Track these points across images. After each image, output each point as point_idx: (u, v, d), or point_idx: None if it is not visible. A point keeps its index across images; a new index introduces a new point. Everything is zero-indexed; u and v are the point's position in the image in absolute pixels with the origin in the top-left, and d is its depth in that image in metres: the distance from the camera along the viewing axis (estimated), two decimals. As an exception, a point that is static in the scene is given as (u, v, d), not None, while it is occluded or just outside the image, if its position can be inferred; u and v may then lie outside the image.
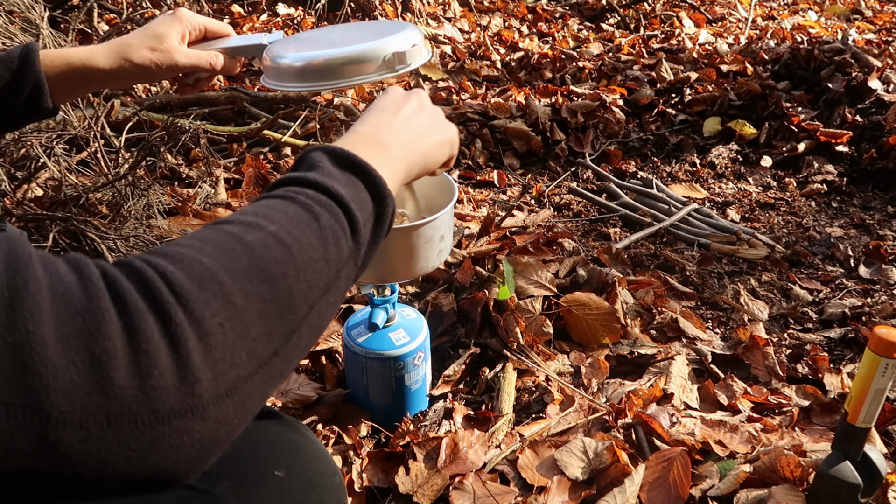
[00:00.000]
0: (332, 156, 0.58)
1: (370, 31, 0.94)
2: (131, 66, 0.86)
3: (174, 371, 0.39)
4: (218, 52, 0.94)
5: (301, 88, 0.90)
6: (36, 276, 0.37)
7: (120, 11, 2.91)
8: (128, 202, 1.69)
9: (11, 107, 0.82)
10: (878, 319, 1.61)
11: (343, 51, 0.87)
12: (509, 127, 2.69)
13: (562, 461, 1.14)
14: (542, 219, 2.18)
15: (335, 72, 0.86)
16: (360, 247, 0.54)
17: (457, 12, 4.47)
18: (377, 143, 0.64)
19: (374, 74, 0.87)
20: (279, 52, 0.90)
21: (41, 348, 0.35)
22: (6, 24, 1.73)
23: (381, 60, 0.86)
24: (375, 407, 1.29)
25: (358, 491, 1.13)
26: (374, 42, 0.87)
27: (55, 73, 0.83)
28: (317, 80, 0.88)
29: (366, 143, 0.63)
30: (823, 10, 5.02)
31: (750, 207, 2.36)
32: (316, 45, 0.91)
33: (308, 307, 0.48)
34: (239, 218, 0.49)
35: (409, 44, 0.88)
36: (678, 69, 3.26)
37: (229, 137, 2.41)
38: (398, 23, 0.96)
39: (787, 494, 1.02)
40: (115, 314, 0.38)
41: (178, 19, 0.91)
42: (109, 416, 0.36)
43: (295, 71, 0.88)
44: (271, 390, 0.46)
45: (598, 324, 1.49)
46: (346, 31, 0.97)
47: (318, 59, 0.87)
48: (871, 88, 2.79)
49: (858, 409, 0.95)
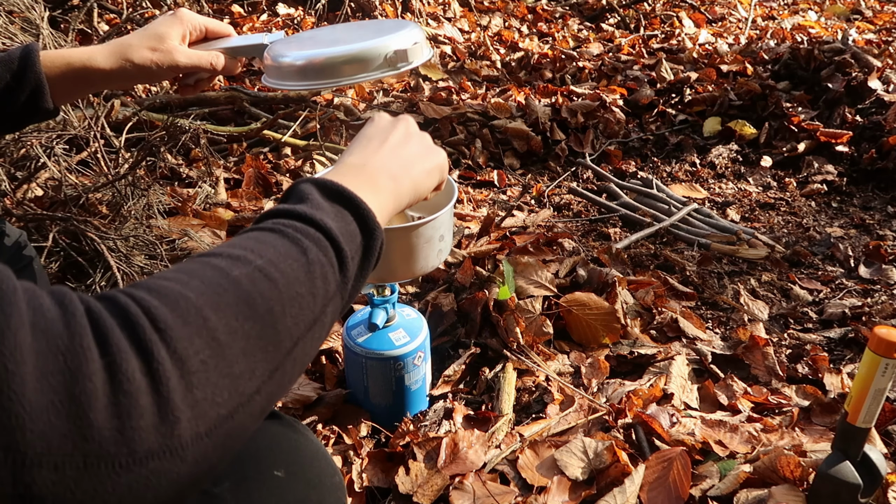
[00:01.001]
0: (321, 188, 0.57)
1: (371, 29, 0.94)
2: (132, 67, 0.86)
3: (154, 412, 0.38)
4: (219, 52, 0.94)
5: (303, 87, 0.90)
6: (20, 312, 0.36)
7: (120, 11, 2.91)
8: (128, 202, 1.69)
9: (12, 107, 0.82)
10: (878, 319, 1.61)
11: (345, 49, 0.87)
12: (509, 127, 2.69)
13: (562, 461, 1.14)
14: (542, 219, 2.18)
15: (337, 70, 0.87)
16: (348, 280, 0.54)
17: (457, 12, 4.47)
18: (366, 175, 0.64)
19: (375, 72, 0.87)
20: (280, 50, 0.90)
21: (20, 388, 0.34)
22: (6, 24, 1.73)
23: (383, 58, 0.87)
24: (375, 407, 1.29)
25: (358, 491, 1.13)
26: (376, 40, 0.87)
27: (55, 73, 0.83)
28: (318, 78, 0.88)
29: (355, 175, 0.63)
30: (823, 10, 5.02)
31: (750, 207, 2.36)
32: (317, 43, 0.91)
33: (293, 343, 0.47)
34: (226, 251, 0.48)
35: (410, 41, 0.88)
36: (678, 69, 3.26)
37: (229, 137, 2.41)
38: (399, 21, 0.96)
39: (787, 494, 1.02)
40: (96, 353, 0.37)
41: (178, 19, 0.90)
42: (86, 458, 0.36)
43: (296, 69, 0.88)
44: (252, 427, 0.45)
45: (598, 324, 1.49)
46: (348, 30, 0.97)
47: (320, 57, 0.87)
48: (871, 88, 2.79)
49: (858, 409, 0.95)
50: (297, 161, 2.37)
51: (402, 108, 2.79)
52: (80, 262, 1.55)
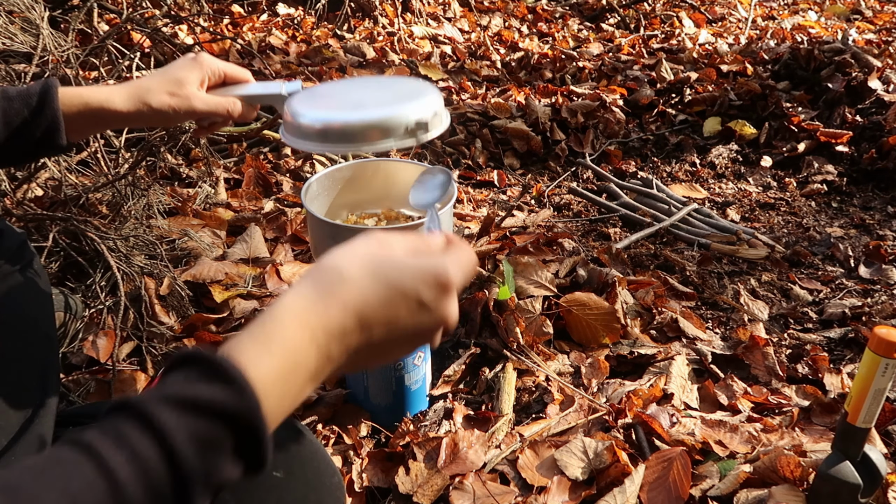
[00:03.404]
0: (203, 370, 0.44)
1: (391, 91, 0.95)
2: (149, 110, 0.85)
3: None
4: (236, 98, 0.94)
5: (320, 149, 0.91)
6: None
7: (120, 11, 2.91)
8: (128, 202, 1.69)
9: (27, 142, 0.82)
10: (878, 319, 1.61)
11: (367, 116, 0.88)
12: (509, 127, 2.69)
13: (562, 461, 1.14)
14: (542, 219, 2.18)
15: (357, 136, 0.88)
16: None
17: (457, 12, 4.47)
18: (309, 374, 0.49)
19: (395, 141, 0.88)
20: (300, 109, 0.91)
21: None
22: (6, 24, 1.73)
23: (404, 129, 0.88)
24: (375, 407, 1.29)
25: (358, 491, 1.13)
26: (398, 108, 0.88)
27: (73, 112, 0.82)
28: (337, 142, 0.89)
29: (293, 372, 0.48)
30: (823, 10, 5.02)
31: (750, 207, 2.36)
32: (337, 104, 0.92)
33: None
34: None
35: (431, 112, 0.90)
36: (678, 69, 3.26)
37: (229, 137, 2.41)
38: (419, 83, 0.99)
39: (787, 494, 1.02)
40: None
41: (198, 64, 0.90)
42: None
43: (316, 132, 0.89)
44: None
45: (598, 324, 1.49)
46: (366, 89, 0.98)
47: (340, 122, 0.88)
48: (871, 88, 2.79)
49: (858, 409, 0.95)
50: (297, 161, 2.37)
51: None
52: (80, 262, 1.55)
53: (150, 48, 2.87)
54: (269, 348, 0.47)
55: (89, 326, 1.47)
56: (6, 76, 1.70)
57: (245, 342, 0.47)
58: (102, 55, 2.36)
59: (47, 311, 1.00)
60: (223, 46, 3.25)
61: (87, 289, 1.53)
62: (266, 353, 0.46)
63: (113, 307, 1.49)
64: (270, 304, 0.50)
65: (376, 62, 3.42)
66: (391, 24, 4.07)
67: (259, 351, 0.46)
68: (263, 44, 3.44)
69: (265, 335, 0.47)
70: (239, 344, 0.47)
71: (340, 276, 0.51)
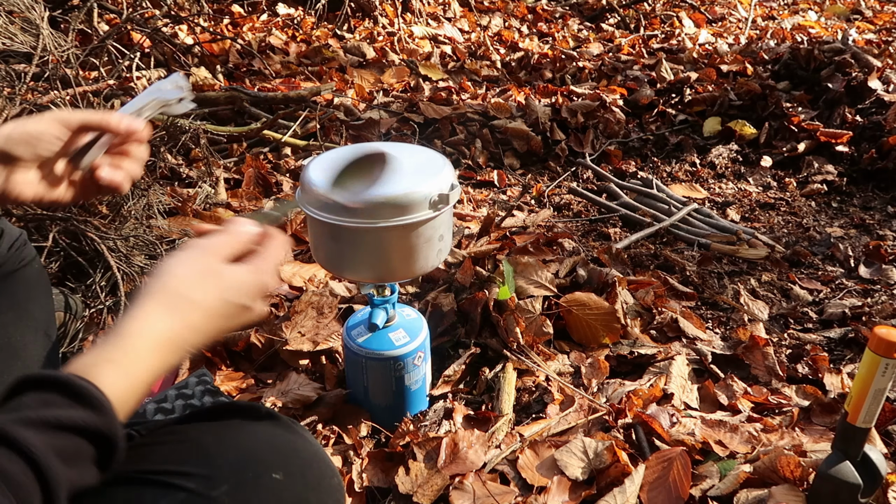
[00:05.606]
0: (66, 394, 0.50)
1: (405, 165, 0.99)
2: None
3: None
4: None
5: (342, 222, 0.97)
6: None
7: (120, 11, 2.91)
8: (128, 202, 1.69)
9: None
10: (878, 319, 1.61)
11: (392, 192, 0.95)
12: (509, 127, 2.69)
13: (562, 461, 1.14)
14: (542, 219, 2.18)
15: (380, 211, 0.96)
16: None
17: (457, 12, 4.47)
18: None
19: (417, 216, 0.98)
20: (318, 179, 0.97)
21: None
22: (6, 24, 1.73)
23: (427, 203, 0.98)
24: (375, 407, 1.29)
25: (358, 491, 1.13)
26: (419, 186, 0.97)
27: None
28: (359, 217, 0.96)
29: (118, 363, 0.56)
30: (823, 10, 5.02)
31: (750, 207, 2.36)
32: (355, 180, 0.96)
33: None
34: None
35: (448, 185, 1.00)
36: (678, 69, 3.27)
37: (229, 137, 2.41)
38: (433, 155, 1.06)
39: (787, 494, 1.02)
40: None
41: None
42: None
43: (341, 207, 0.95)
44: None
45: (598, 324, 1.49)
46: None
47: (364, 199, 0.95)
48: (871, 88, 2.79)
49: (858, 409, 0.95)
50: (297, 161, 2.37)
51: (402, 107, 2.79)
52: (80, 262, 1.55)
53: (150, 48, 2.87)
54: (127, 370, 0.55)
55: (89, 326, 1.47)
56: (6, 76, 1.70)
57: (102, 366, 0.55)
58: (102, 55, 2.36)
59: (47, 311, 1.00)
60: (223, 46, 3.25)
61: (87, 289, 1.53)
62: (123, 375, 0.55)
63: (113, 307, 1.49)
64: (120, 323, 0.59)
65: (376, 62, 3.43)
66: (391, 24, 4.08)
67: (117, 374, 0.55)
68: (263, 44, 3.45)
69: (122, 356, 0.56)
70: (96, 366, 0.54)
71: (179, 295, 0.61)
